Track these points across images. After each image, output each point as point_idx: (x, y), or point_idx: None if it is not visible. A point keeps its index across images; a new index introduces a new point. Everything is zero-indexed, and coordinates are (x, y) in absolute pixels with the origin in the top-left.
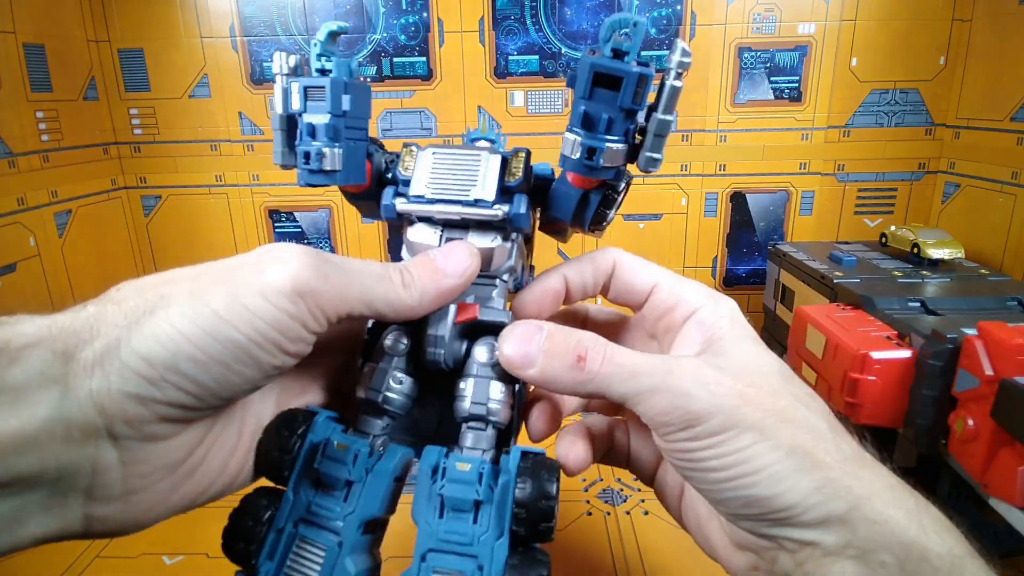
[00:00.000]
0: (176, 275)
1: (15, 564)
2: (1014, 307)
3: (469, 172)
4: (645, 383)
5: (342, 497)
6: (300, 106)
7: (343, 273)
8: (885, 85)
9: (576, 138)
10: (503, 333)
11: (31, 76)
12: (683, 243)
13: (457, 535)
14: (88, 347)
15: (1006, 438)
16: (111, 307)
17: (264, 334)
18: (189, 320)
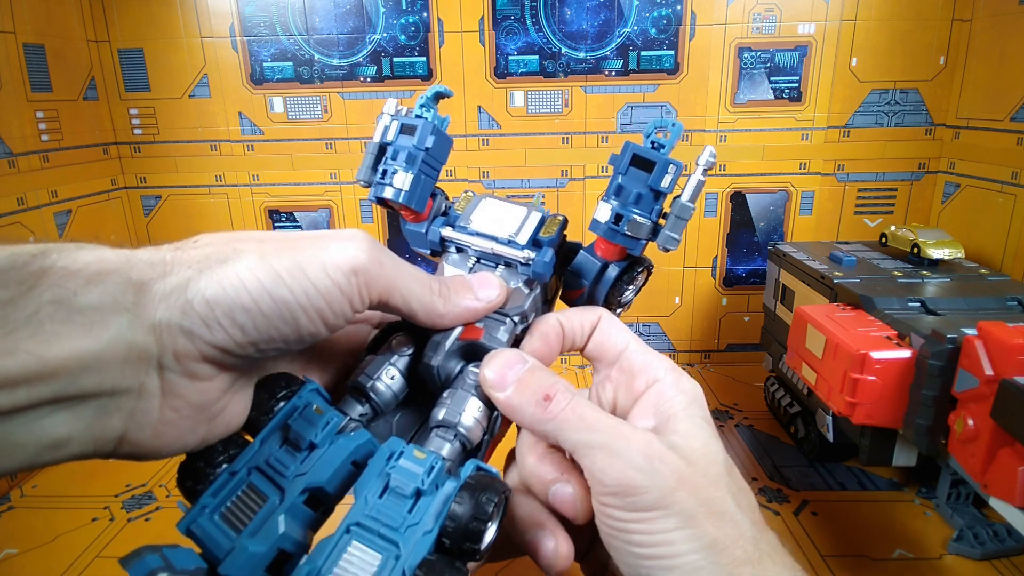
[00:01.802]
0: (247, 235)
1: (15, 564)
2: (1014, 307)
3: (513, 219)
4: (596, 438)
5: (300, 459)
6: (393, 138)
7: (394, 266)
8: (885, 85)
9: (608, 205)
10: (490, 354)
11: (31, 76)
12: (683, 243)
13: (388, 517)
14: (161, 281)
15: (1006, 438)
16: (190, 251)
17: (313, 301)
18: (253, 275)
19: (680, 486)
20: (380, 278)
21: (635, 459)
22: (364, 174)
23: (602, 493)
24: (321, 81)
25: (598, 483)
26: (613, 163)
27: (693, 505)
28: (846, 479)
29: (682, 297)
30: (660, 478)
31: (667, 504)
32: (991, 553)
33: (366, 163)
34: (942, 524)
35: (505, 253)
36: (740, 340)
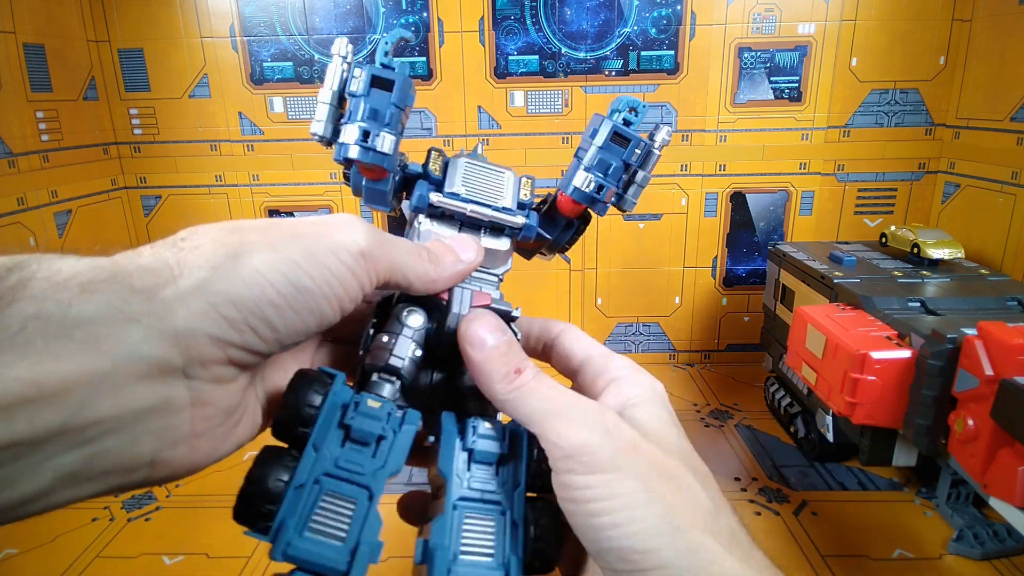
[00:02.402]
0: (243, 225)
1: (15, 564)
2: (1014, 307)
3: (496, 183)
4: (554, 407)
5: (371, 453)
6: (363, 90)
7: (390, 243)
8: (885, 85)
9: (590, 176)
10: (476, 313)
11: (31, 76)
12: (683, 243)
13: (484, 483)
14: (171, 286)
15: (1006, 438)
16: (191, 251)
17: (332, 287)
18: (273, 267)
19: (633, 450)
20: (383, 258)
21: (589, 423)
22: (325, 129)
23: (559, 458)
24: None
25: (555, 448)
26: (592, 136)
27: (646, 468)
28: (846, 479)
29: (682, 297)
30: (613, 440)
31: (620, 465)
32: (991, 553)
33: (325, 116)
34: (942, 524)
35: (501, 220)
36: (740, 340)
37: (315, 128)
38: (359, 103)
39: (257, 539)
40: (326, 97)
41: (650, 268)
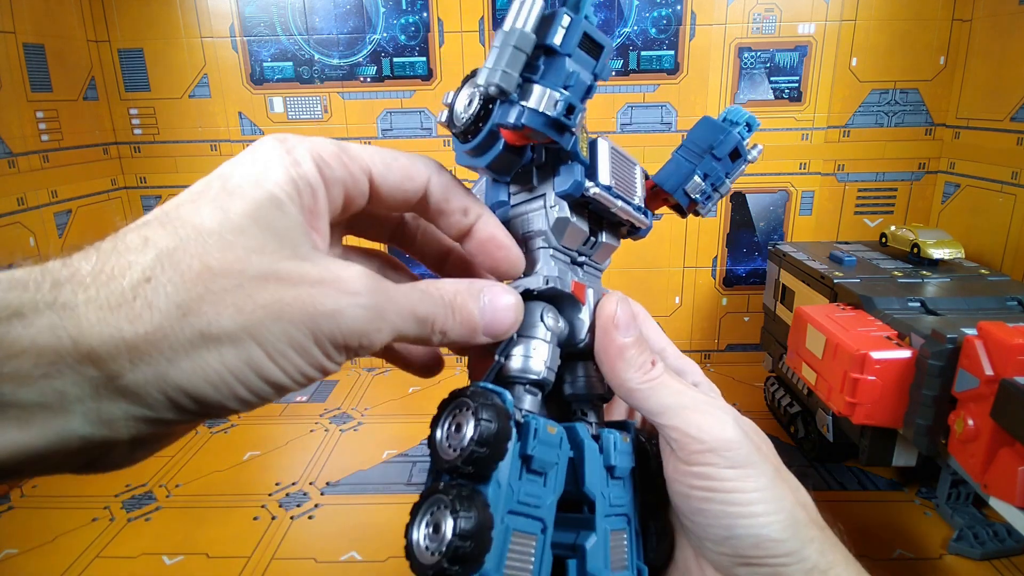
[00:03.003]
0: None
1: (15, 564)
2: (1014, 307)
3: (631, 177)
4: (687, 401)
5: (542, 482)
6: (569, 48)
7: (396, 299)
8: (885, 85)
9: (703, 185)
10: (619, 297)
11: (31, 76)
12: (683, 243)
13: (619, 499)
14: (128, 375)
15: (1006, 438)
16: (144, 309)
17: (310, 379)
18: (243, 370)
19: (759, 449)
20: (384, 329)
21: (727, 419)
22: (505, 80)
23: (699, 451)
24: (321, 81)
25: (695, 442)
26: (715, 146)
27: (771, 467)
28: (846, 479)
29: (682, 297)
30: (748, 438)
31: (755, 462)
32: (991, 553)
33: (511, 63)
34: (942, 524)
35: (637, 220)
36: (740, 340)
37: (499, 79)
38: (563, 64)
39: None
40: (523, 41)
41: (650, 268)
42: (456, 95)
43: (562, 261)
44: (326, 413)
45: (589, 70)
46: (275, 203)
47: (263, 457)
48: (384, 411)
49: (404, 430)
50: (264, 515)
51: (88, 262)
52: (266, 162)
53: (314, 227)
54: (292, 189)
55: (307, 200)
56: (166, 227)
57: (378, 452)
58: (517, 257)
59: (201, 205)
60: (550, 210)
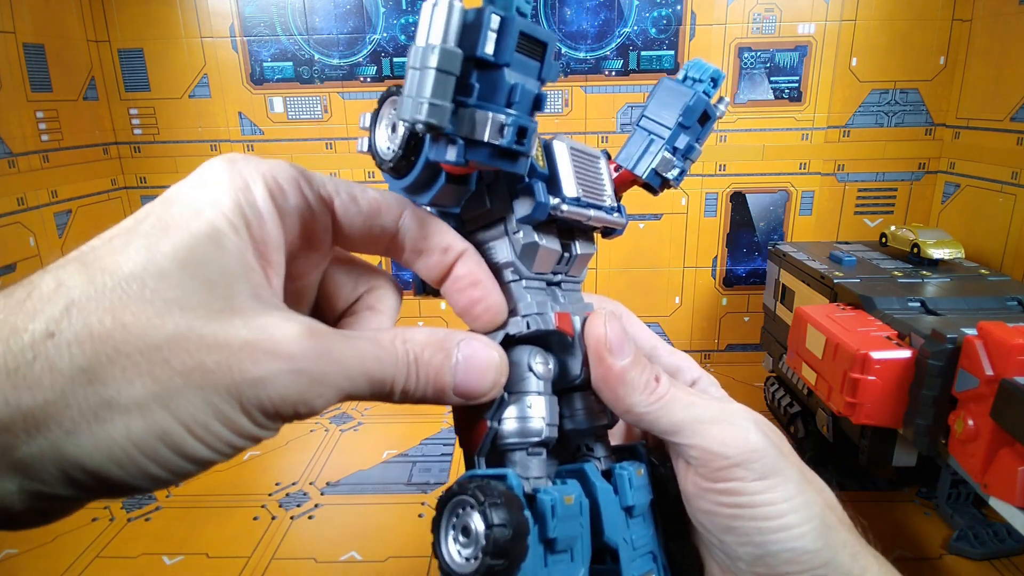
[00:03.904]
0: (128, 331)
1: (15, 564)
2: (1014, 307)
3: (597, 175)
4: (706, 413)
5: (569, 558)
6: (506, 56)
7: (341, 359)
8: (885, 85)
9: (674, 160)
10: (599, 315)
11: (31, 76)
12: (683, 243)
13: (643, 537)
14: (24, 447)
15: (1006, 438)
16: (46, 377)
17: (234, 450)
18: (156, 436)
19: (781, 450)
20: (327, 395)
21: (746, 425)
22: (436, 115)
23: (724, 467)
24: (321, 81)
25: (718, 458)
26: (682, 113)
27: (797, 469)
28: (846, 479)
29: (682, 297)
30: (771, 441)
31: (782, 468)
32: (991, 553)
33: (441, 91)
34: (942, 524)
35: (613, 224)
36: (740, 340)
37: (426, 115)
38: (502, 77)
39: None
40: (447, 60)
41: (650, 268)
42: (374, 121)
43: (537, 290)
44: (326, 413)
45: (534, 76)
46: (214, 237)
47: (263, 457)
48: (384, 411)
49: (404, 430)
50: (264, 515)
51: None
52: (212, 186)
53: (265, 258)
54: (238, 218)
55: (256, 230)
56: (84, 269)
57: (378, 452)
58: (496, 304)
59: (131, 240)
60: (514, 237)
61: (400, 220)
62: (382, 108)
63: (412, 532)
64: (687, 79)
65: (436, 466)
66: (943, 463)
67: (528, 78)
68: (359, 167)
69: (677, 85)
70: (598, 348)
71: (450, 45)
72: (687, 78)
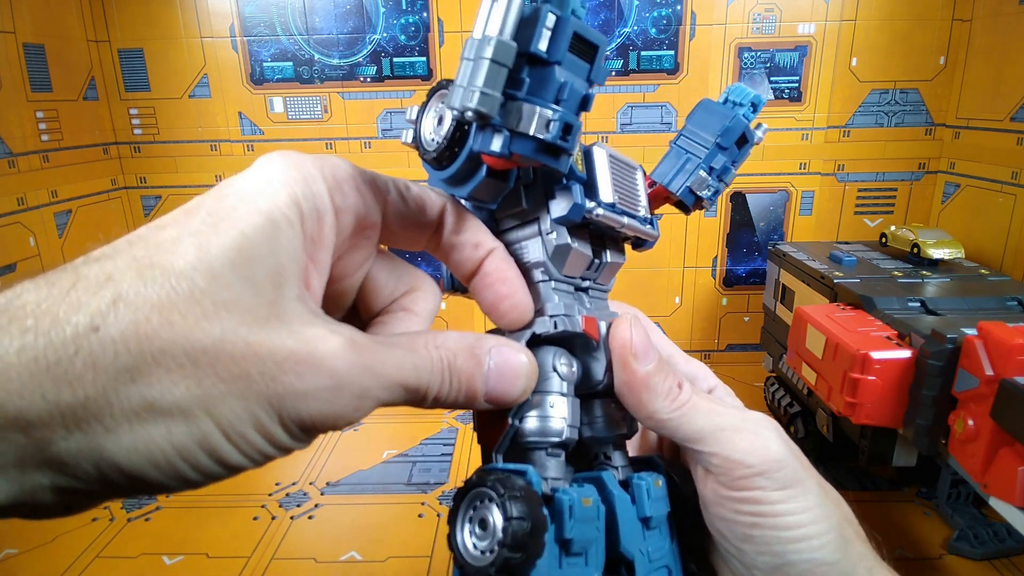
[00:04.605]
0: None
1: (15, 564)
2: (1014, 307)
3: (633, 186)
4: (728, 421)
5: (583, 561)
6: (558, 55)
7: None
8: (885, 85)
9: (709, 179)
10: (631, 320)
11: (31, 76)
12: (683, 243)
13: (659, 550)
14: (61, 443)
15: (1006, 438)
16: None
17: (267, 461)
18: (196, 442)
19: (803, 464)
20: (364, 408)
21: (768, 435)
22: (486, 104)
23: (746, 476)
24: (321, 81)
25: (740, 466)
26: (721, 134)
27: (818, 483)
28: (846, 479)
29: (682, 297)
30: (792, 451)
31: (803, 479)
32: (991, 553)
33: (492, 81)
34: (942, 524)
35: (645, 234)
36: (740, 340)
37: (477, 103)
38: (552, 74)
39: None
40: (502, 52)
41: (650, 268)
42: (421, 112)
43: (566, 293)
44: None
45: (583, 76)
46: (268, 232)
47: None
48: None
49: (404, 430)
50: (264, 515)
51: (37, 294)
52: (270, 178)
53: (313, 259)
54: (295, 213)
55: (311, 227)
56: (135, 263)
57: (378, 452)
58: (523, 302)
59: (182, 236)
60: (547, 237)
61: (442, 213)
62: (430, 101)
63: (412, 532)
64: (727, 102)
65: (436, 466)
66: (943, 463)
67: (577, 78)
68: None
69: (717, 107)
70: (623, 353)
71: (506, 38)
72: (727, 101)
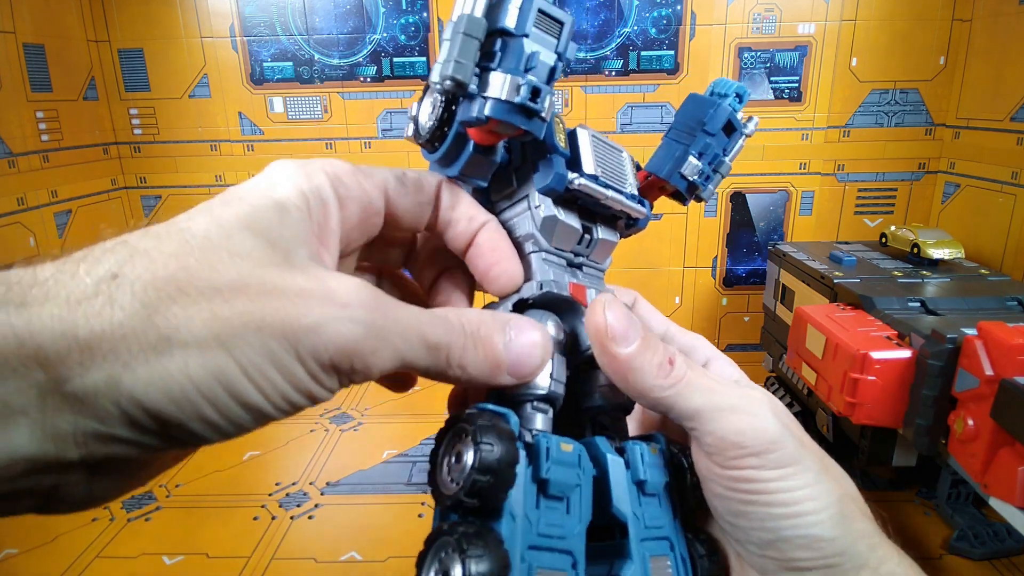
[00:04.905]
0: (189, 265)
1: (15, 564)
2: (1014, 307)
3: (619, 165)
4: (724, 400)
5: (565, 508)
6: (525, 28)
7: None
8: (885, 85)
9: (700, 165)
10: (599, 300)
11: (31, 76)
12: (683, 243)
13: (656, 519)
14: (78, 379)
15: (1006, 438)
16: (105, 306)
17: (281, 407)
18: (209, 380)
19: (801, 440)
20: (383, 352)
21: (766, 415)
22: (461, 71)
23: (739, 456)
24: (321, 81)
25: (734, 447)
26: (706, 121)
27: (818, 460)
28: None
29: (682, 297)
30: (790, 431)
31: (800, 458)
32: (991, 553)
33: (467, 53)
34: (942, 524)
35: (631, 209)
36: (740, 340)
37: (452, 71)
38: (520, 46)
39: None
40: (472, 27)
41: (650, 268)
42: (419, 106)
43: (557, 264)
44: (326, 413)
45: (551, 49)
46: (276, 209)
47: (263, 457)
48: (384, 411)
49: (404, 430)
50: (264, 515)
51: (52, 265)
52: (276, 177)
53: (323, 242)
54: (300, 200)
55: (317, 213)
56: (148, 233)
57: (378, 452)
58: (513, 268)
59: (195, 214)
60: (535, 210)
61: (438, 191)
62: (425, 94)
63: (412, 532)
64: (713, 94)
65: None
66: (943, 463)
67: (546, 50)
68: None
69: (703, 98)
70: (599, 337)
71: (476, 14)
72: (713, 94)
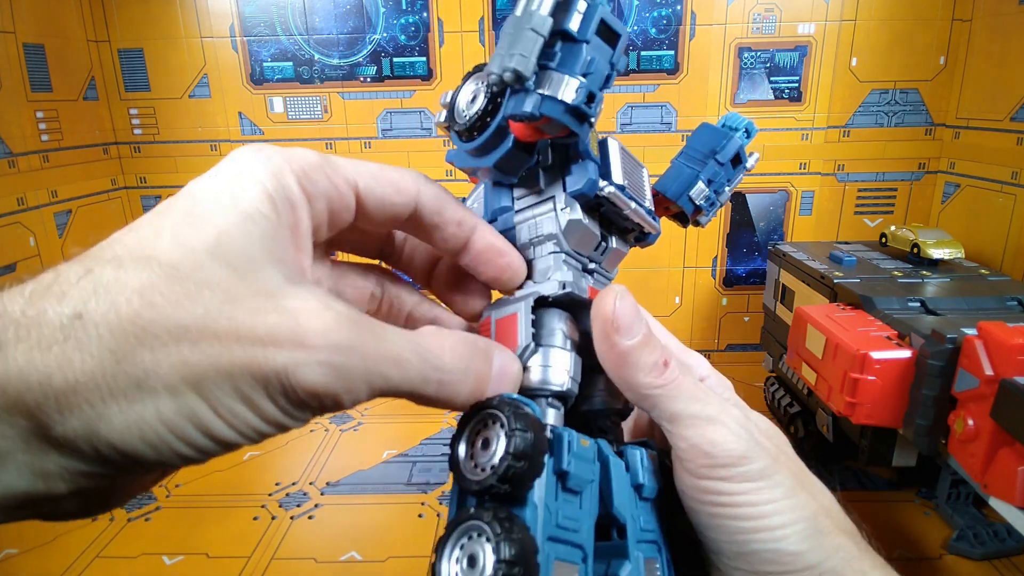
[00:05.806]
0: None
1: (15, 564)
2: (1014, 307)
3: (640, 179)
4: (707, 410)
5: (578, 503)
6: (587, 35)
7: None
8: (885, 85)
9: (707, 191)
10: (617, 291)
11: (31, 76)
12: (683, 243)
13: (650, 523)
14: (58, 427)
15: (1006, 438)
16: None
17: (263, 438)
18: (185, 417)
19: (776, 458)
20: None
21: (740, 431)
22: (524, 65)
23: (710, 466)
24: (321, 81)
25: (705, 456)
26: (717, 151)
27: (788, 474)
28: (846, 479)
29: (682, 297)
30: (762, 449)
31: (770, 474)
32: (991, 553)
33: (530, 48)
34: (942, 524)
35: (648, 225)
36: (740, 340)
37: (515, 63)
38: (581, 50)
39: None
40: (539, 24)
41: (650, 268)
42: (457, 92)
43: (574, 268)
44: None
45: (606, 59)
46: (244, 223)
47: (263, 457)
48: (384, 411)
49: (404, 430)
50: (264, 515)
51: (23, 296)
52: (240, 176)
53: (296, 245)
54: (268, 207)
55: (286, 217)
56: (114, 258)
57: (378, 452)
58: (519, 264)
59: (160, 234)
60: (561, 212)
61: (417, 195)
62: (465, 83)
63: (412, 532)
64: (724, 126)
65: (436, 466)
66: (943, 463)
67: (602, 59)
68: None
69: (715, 128)
70: (604, 326)
71: (544, 13)
72: (724, 126)
